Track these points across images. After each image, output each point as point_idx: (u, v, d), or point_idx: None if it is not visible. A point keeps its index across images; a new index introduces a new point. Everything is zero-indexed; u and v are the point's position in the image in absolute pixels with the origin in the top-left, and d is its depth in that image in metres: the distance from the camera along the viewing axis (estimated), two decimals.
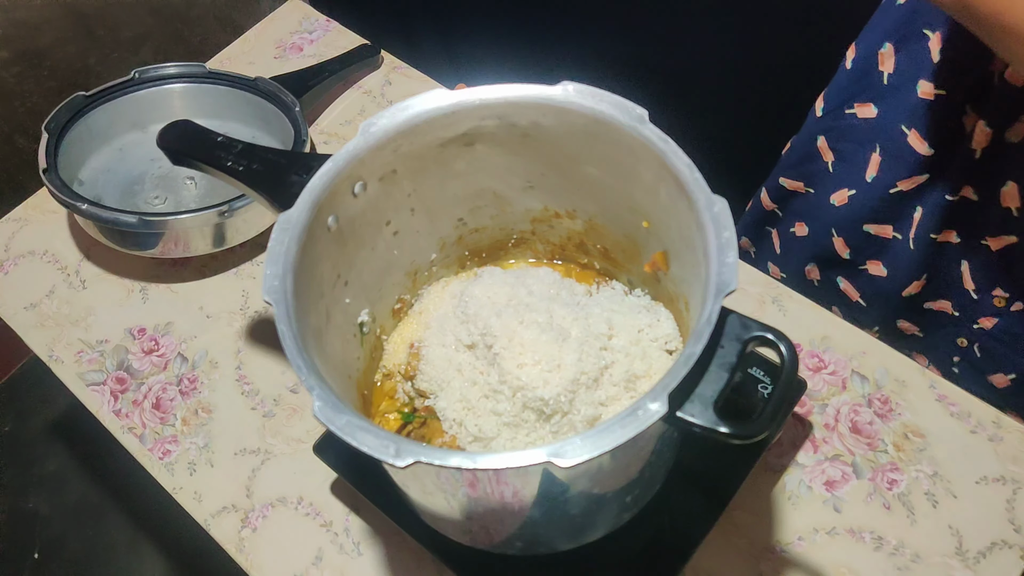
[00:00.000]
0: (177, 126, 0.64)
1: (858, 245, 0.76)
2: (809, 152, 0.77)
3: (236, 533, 0.67)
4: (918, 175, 0.68)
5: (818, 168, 0.77)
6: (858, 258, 0.77)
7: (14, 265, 0.84)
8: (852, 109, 0.72)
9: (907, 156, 0.68)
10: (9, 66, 1.21)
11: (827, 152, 0.76)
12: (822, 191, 0.78)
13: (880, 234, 0.74)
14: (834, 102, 0.74)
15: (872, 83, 0.69)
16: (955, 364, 0.76)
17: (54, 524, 1.52)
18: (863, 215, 0.74)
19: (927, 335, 0.78)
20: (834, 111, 0.74)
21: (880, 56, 0.68)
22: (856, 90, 0.71)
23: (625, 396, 0.57)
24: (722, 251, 0.46)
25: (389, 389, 0.64)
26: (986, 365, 0.73)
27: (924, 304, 0.75)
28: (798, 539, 0.63)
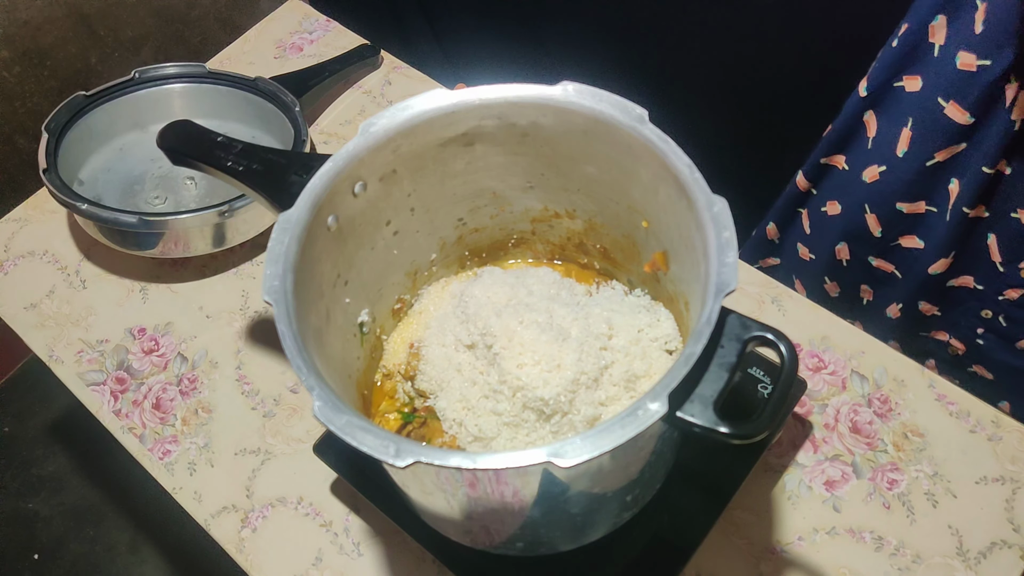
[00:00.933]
0: (177, 126, 0.64)
1: (890, 222, 0.76)
2: (853, 127, 0.77)
3: (236, 533, 0.67)
4: (955, 145, 0.68)
5: (859, 142, 0.77)
6: (890, 234, 0.77)
7: (14, 265, 0.84)
8: (900, 82, 0.71)
9: (944, 127, 0.68)
10: (10, 66, 1.21)
11: (872, 125, 0.75)
12: (857, 167, 0.78)
13: (913, 211, 0.74)
14: (880, 78, 0.73)
15: (920, 55, 0.69)
16: (980, 336, 0.76)
17: (54, 524, 1.52)
18: (896, 191, 0.74)
19: (945, 314, 0.78)
20: (881, 85, 0.73)
21: (931, 28, 0.68)
22: (905, 63, 0.71)
23: (625, 396, 0.57)
24: (722, 251, 0.46)
25: (389, 389, 0.64)
26: (1014, 332, 0.73)
27: (947, 283, 0.76)
28: (798, 539, 0.63)
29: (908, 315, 0.80)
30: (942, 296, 0.77)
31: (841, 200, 0.81)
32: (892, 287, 0.81)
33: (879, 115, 0.75)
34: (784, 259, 0.92)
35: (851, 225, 0.80)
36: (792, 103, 1.00)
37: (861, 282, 0.83)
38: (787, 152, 0.88)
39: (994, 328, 0.74)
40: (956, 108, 0.66)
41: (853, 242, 0.81)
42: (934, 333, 0.80)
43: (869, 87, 0.74)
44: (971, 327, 0.76)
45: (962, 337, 0.77)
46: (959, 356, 0.79)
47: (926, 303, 0.78)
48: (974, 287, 0.74)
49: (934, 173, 0.70)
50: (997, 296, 0.72)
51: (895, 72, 0.72)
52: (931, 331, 0.80)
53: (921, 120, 0.70)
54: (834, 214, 0.82)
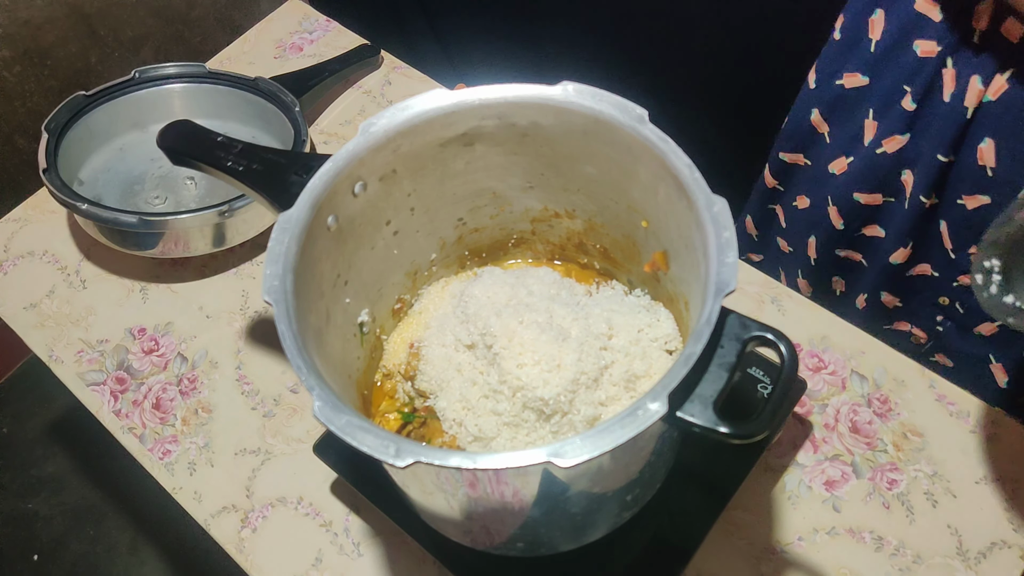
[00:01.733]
0: (177, 126, 0.64)
1: (851, 213, 0.77)
2: (804, 125, 0.78)
3: (236, 533, 0.67)
4: (900, 134, 0.69)
5: (814, 140, 0.78)
6: (853, 225, 0.78)
7: (14, 265, 0.84)
8: (841, 80, 0.73)
9: (895, 116, 0.69)
10: (10, 65, 1.22)
11: (821, 124, 0.77)
12: (821, 162, 0.79)
13: (871, 202, 0.75)
14: (825, 72, 0.74)
15: (861, 52, 0.70)
16: (939, 323, 0.77)
17: (54, 525, 1.52)
18: (854, 181, 0.75)
19: (906, 304, 0.79)
20: (826, 81, 0.74)
21: (870, 23, 0.69)
22: (844, 60, 0.72)
23: (625, 396, 0.57)
24: (722, 251, 0.46)
25: (389, 389, 0.64)
26: (970, 319, 0.74)
27: (906, 273, 0.77)
28: (798, 539, 0.63)
29: (872, 306, 0.81)
30: (903, 286, 0.78)
31: (808, 194, 0.82)
32: (860, 276, 0.82)
33: (830, 110, 0.75)
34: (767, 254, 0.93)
35: (817, 218, 0.81)
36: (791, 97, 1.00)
37: (832, 275, 0.85)
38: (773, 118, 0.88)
39: (952, 315, 0.75)
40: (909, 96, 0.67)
41: (821, 235, 0.82)
42: (897, 324, 0.81)
43: (818, 78, 0.75)
44: (931, 316, 0.77)
45: (923, 326, 0.78)
46: (921, 345, 0.80)
47: (888, 294, 0.79)
48: (931, 274, 0.75)
49: (884, 163, 0.71)
50: (952, 283, 0.73)
51: (836, 68, 0.73)
52: (894, 322, 0.81)
53: (880, 110, 0.70)
54: (803, 208, 0.83)
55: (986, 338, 0.74)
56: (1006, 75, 0.60)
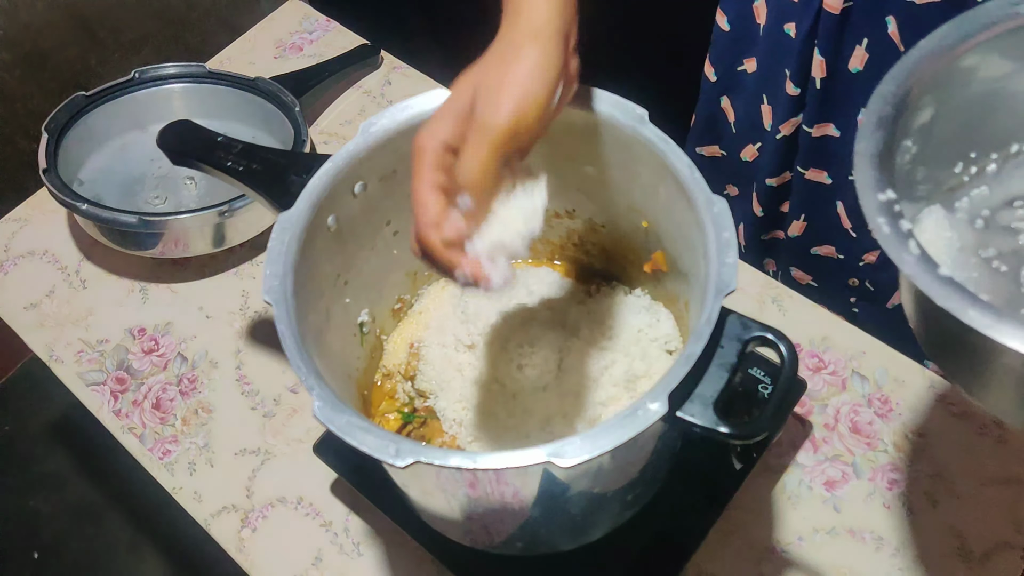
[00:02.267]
0: (177, 126, 0.64)
1: (768, 199, 0.79)
2: (713, 114, 0.80)
3: (236, 533, 0.67)
4: (793, 117, 0.70)
5: (725, 129, 0.80)
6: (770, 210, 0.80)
7: (14, 265, 0.84)
8: (742, 66, 0.74)
9: (783, 100, 0.70)
10: (11, 68, 1.22)
11: (730, 111, 0.78)
12: (734, 150, 0.80)
13: (781, 182, 0.77)
14: (724, 63, 0.75)
15: (751, 36, 0.72)
16: (854, 306, 0.78)
17: (54, 524, 1.52)
18: (764, 167, 0.77)
19: (820, 283, 0.81)
20: (727, 71, 0.76)
21: (755, 9, 0.70)
22: (741, 47, 0.73)
23: (625, 396, 0.57)
24: (722, 251, 0.46)
25: (389, 389, 0.64)
26: (880, 294, 0.75)
27: (811, 250, 0.78)
28: (798, 539, 0.63)
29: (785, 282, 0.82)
30: (812, 264, 0.79)
31: (736, 184, 0.84)
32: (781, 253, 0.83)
33: (733, 98, 0.77)
34: None
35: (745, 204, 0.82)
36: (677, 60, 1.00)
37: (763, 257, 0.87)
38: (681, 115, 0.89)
39: (864, 295, 0.77)
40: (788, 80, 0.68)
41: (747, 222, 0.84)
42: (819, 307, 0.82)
43: (716, 71, 0.76)
44: (844, 298, 0.79)
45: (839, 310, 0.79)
46: None
47: (798, 270, 0.81)
48: (837, 256, 0.76)
49: (785, 144, 0.73)
50: (858, 263, 0.75)
51: (735, 56, 0.74)
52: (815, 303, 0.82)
53: (772, 94, 0.72)
54: (735, 196, 0.85)
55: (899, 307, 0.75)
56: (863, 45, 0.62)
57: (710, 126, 0.81)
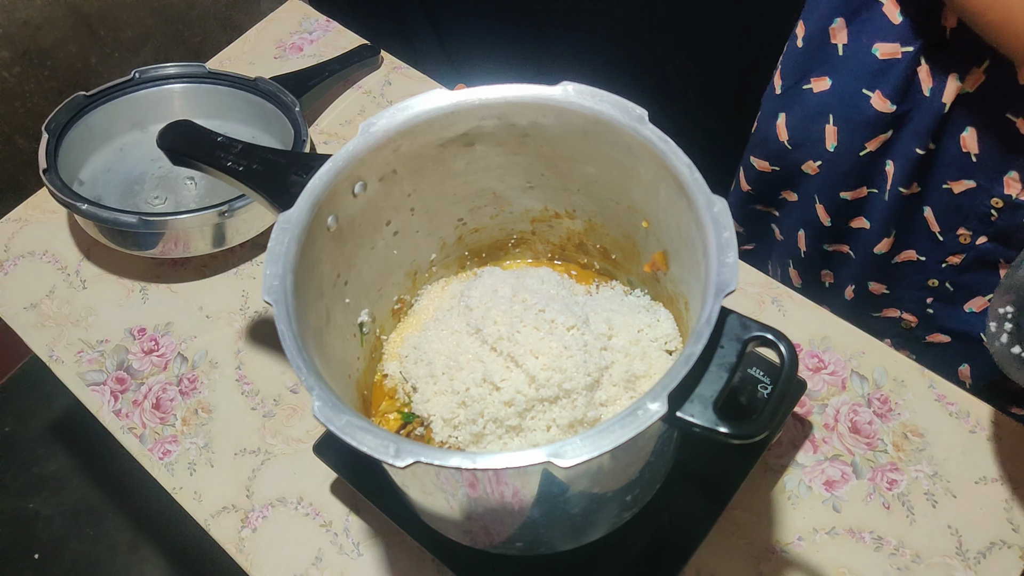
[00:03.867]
0: (177, 126, 0.64)
1: (838, 210, 0.79)
2: (771, 132, 0.80)
3: (236, 533, 0.67)
4: (883, 134, 0.71)
5: (778, 147, 0.80)
6: (838, 221, 0.80)
7: (14, 265, 0.84)
8: (808, 84, 0.74)
9: (869, 118, 0.70)
10: (10, 66, 1.22)
11: (783, 131, 0.78)
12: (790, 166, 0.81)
13: (856, 196, 0.77)
14: (791, 79, 0.76)
15: (826, 56, 0.72)
16: (929, 306, 0.79)
17: (54, 524, 1.52)
18: (837, 182, 0.77)
19: (893, 291, 0.81)
20: (792, 87, 0.76)
21: (831, 31, 0.71)
22: (811, 64, 0.73)
23: (625, 396, 0.57)
24: (722, 251, 0.46)
25: (389, 389, 0.64)
26: (961, 296, 0.76)
27: (891, 260, 0.78)
28: (798, 539, 0.63)
29: (860, 296, 0.83)
30: (889, 274, 0.80)
31: (794, 190, 0.84)
32: (847, 267, 0.83)
33: (789, 114, 0.77)
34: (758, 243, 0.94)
35: (807, 213, 0.83)
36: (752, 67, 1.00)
37: (821, 267, 0.86)
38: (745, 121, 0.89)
39: (941, 295, 0.77)
40: (880, 98, 0.69)
41: (809, 230, 0.84)
42: (885, 311, 0.83)
43: (783, 84, 0.77)
44: (919, 299, 0.79)
45: (912, 310, 0.80)
46: (913, 329, 0.81)
47: (875, 283, 0.81)
48: (917, 259, 0.76)
49: (871, 161, 0.73)
50: (940, 264, 0.75)
51: (803, 73, 0.74)
52: (882, 310, 0.82)
53: (843, 114, 0.72)
54: (792, 201, 0.85)
55: (977, 314, 0.75)
56: (983, 67, 0.62)
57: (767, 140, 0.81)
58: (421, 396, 0.60)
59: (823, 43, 0.72)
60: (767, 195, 0.87)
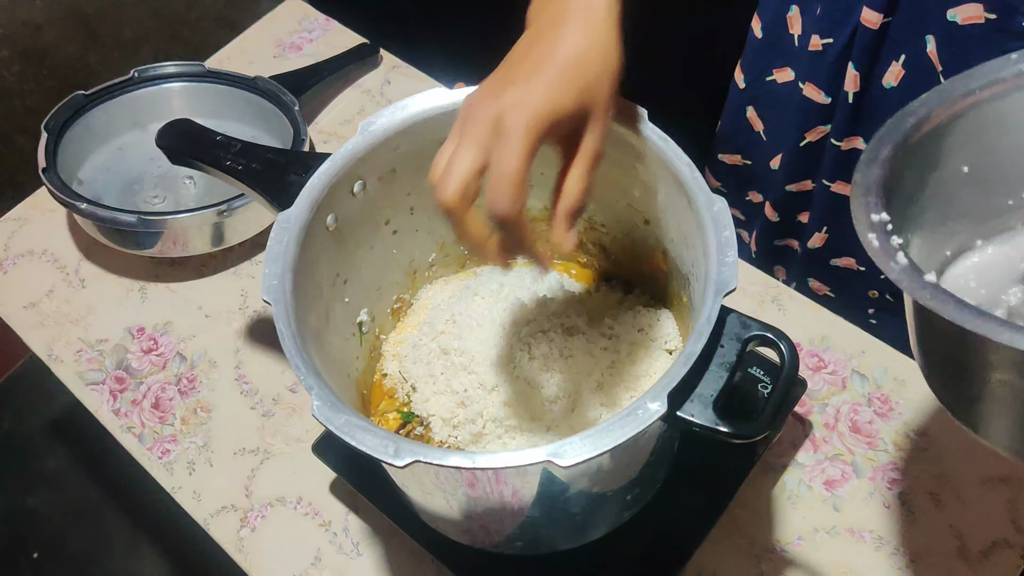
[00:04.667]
0: (176, 125, 0.64)
1: (785, 206, 0.79)
2: (740, 124, 0.79)
3: (235, 533, 0.67)
4: (822, 125, 0.70)
5: (751, 138, 0.80)
6: (786, 217, 0.80)
7: (13, 264, 0.84)
8: (771, 76, 0.74)
9: (808, 109, 0.70)
10: (9, 65, 1.21)
11: (757, 121, 0.78)
12: (760, 159, 0.80)
13: (801, 189, 0.77)
14: (753, 71, 0.75)
15: (785, 47, 0.72)
16: (872, 316, 0.79)
17: (53, 523, 1.52)
18: (785, 176, 0.77)
19: (838, 295, 0.81)
20: (756, 80, 0.76)
21: (788, 20, 0.70)
22: (772, 56, 0.73)
23: (625, 396, 0.57)
24: (722, 250, 0.46)
25: (389, 388, 0.64)
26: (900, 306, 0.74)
27: (830, 261, 0.78)
28: (798, 539, 0.63)
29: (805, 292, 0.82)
30: (830, 275, 0.79)
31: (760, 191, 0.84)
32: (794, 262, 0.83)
33: (763, 108, 0.77)
34: None
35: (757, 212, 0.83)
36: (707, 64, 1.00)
37: (773, 264, 0.87)
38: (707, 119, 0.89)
39: (883, 306, 0.77)
40: (813, 88, 0.68)
41: (760, 228, 0.84)
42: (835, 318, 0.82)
43: (746, 77, 0.76)
44: (863, 309, 0.79)
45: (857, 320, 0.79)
46: None
47: (816, 281, 0.81)
48: (857, 268, 0.76)
49: (808, 153, 0.73)
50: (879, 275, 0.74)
51: (764, 66, 0.74)
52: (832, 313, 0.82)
53: (789, 106, 0.72)
54: (757, 202, 0.85)
55: None
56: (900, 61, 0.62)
57: (736, 133, 0.81)
58: (420, 396, 0.60)
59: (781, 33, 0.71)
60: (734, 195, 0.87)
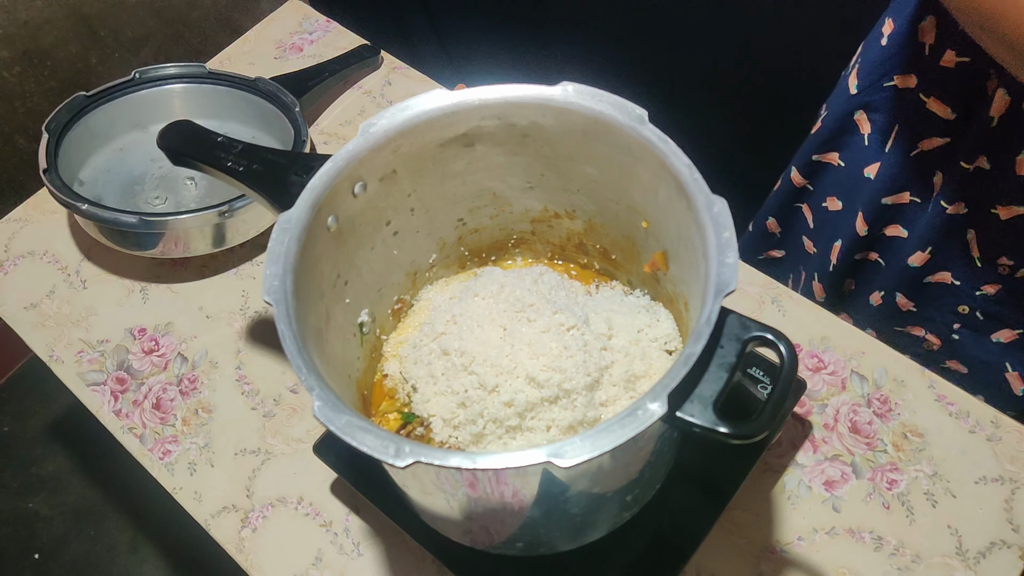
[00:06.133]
0: (177, 126, 0.64)
1: (875, 219, 0.77)
2: (845, 126, 0.78)
3: (236, 533, 0.67)
4: (940, 138, 0.68)
5: (854, 140, 0.77)
6: (875, 231, 0.78)
7: (14, 265, 0.85)
8: (892, 81, 0.72)
9: (929, 121, 0.68)
10: (10, 65, 1.22)
11: (865, 124, 0.76)
12: (856, 164, 0.78)
13: (897, 202, 0.74)
14: (871, 77, 0.74)
15: (912, 55, 0.69)
16: (955, 331, 0.77)
17: (54, 524, 1.52)
18: (883, 186, 0.74)
19: (921, 309, 0.79)
20: (872, 85, 0.74)
21: (921, 29, 0.68)
22: (896, 62, 0.71)
23: (625, 396, 0.57)
24: (722, 251, 0.46)
25: (389, 389, 0.64)
26: (989, 326, 0.74)
27: (924, 279, 0.76)
28: (798, 539, 0.63)
29: (887, 305, 0.81)
30: (918, 291, 0.77)
31: (841, 197, 0.82)
32: (876, 275, 0.81)
33: (871, 112, 0.75)
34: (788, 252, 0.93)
35: (846, 225, 0.80)
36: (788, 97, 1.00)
37: (846, 277, 0.84)
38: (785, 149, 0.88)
39: (970, 323, 0.75)
40: (938, 103, 0.67)
41: (846, 240, 0.81)
42: (909, 328, 0.80)
43: (860, 85, 0.75)
44: (947, 323, 0.77)
45: (937, 332, 0.78)
46: (933, 352, 0.79)
47: (903, 296, 0.79)
48: (951, 283, 0.74)
49: (918, 164, 0.71)
50: (974, 291, 0.73)
51: (886, 71, 0.72)
52: (906, 326, 0.80)
53: (906, 117, 0.70)
54: (835, 210, 0.83)
55: (1004, 345, 0.73)
56: None
57: (838, 135, 0.79)
58: (421, 396, 0.60)
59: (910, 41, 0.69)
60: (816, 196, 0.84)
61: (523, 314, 0.58)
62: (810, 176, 0.84)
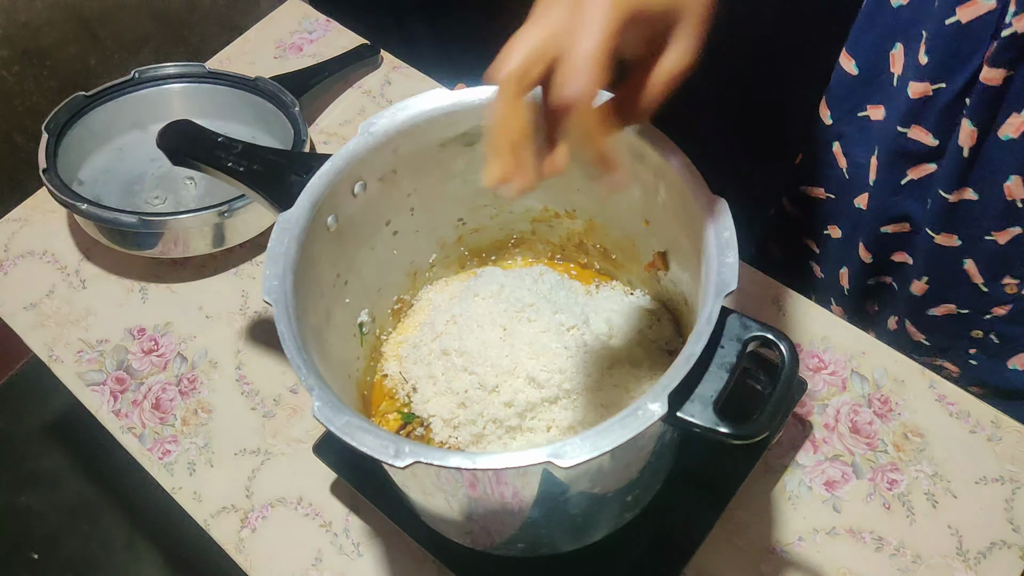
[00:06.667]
0: (177, 126, 0.64)
1: (879, 247, 0.76)
2: (825, 159, 0.77)
3: (235, 533, 0.67)
4: (927, 163, 0.67)
5: (835, 174, 0.77)
6: (879, 259, 0.77)
7: (14, 265, 0.84)
8: (864, 112, 0.71)
9: (912, 150, 0.67)
10: (9, 65, 1.21)
11: (841, 157, 0.75)
12: (845, 195, 0.77)
13: (898, 231, 0.74)
14: (843, 108, 0.73)
15: (882, 84, 0.69)
16: (972, 357, 0.76)
17: (53, 524, 1.52)
18: (879, 216, 0.73)
19: (933, 341, 0.77)
20: (845, 116, 0.73)
21: (891, 57, 0.67)
22: (866, 93, 0.70)
23: (625, 396, 0.57)
24: (722, 251, 0.46)
25: (389, 389, 0.64)
26: (1005, 349, 0.73)
27: (928, 311, 0.75)
28: (798, 539, 0.63)
29: (902, 332, 0.80)
30: (927, 323, 0.76)
31: (840, 226, 0.81)
32: (892, 297, 0.80)
33: (845, 145, 0.74)
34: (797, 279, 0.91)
35: (849, 253, 0.80)
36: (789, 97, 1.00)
37: (866, 299, 0.83)
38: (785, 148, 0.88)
39: (986, 347, 0.74)
40: (920, 131, 0.65)
41: (852, 267, 0.80)
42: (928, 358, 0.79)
43: (833, 114, 0.74)
44: (963, 349, 0.76)
45: (955, 360, 0.77)
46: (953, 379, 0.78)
47: (911, 326, 0.78)
48: (958, 313, 0.73)
49: (911, 193, 0.70)
50: (984, 316, 0.72)
51: (857, 102, 0.71)
52: (923, 355, 0.79)
53: (886, 148, 0.69)
54: (836, 238, 0.82)
55: (1021, 372, 0.73)
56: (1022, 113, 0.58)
57: (820, 167, 0.78)
58: (421, 396, 0.60)
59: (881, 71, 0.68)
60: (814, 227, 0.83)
61: (523, 314, 0.58)
62: (801, 207, 0.83)
